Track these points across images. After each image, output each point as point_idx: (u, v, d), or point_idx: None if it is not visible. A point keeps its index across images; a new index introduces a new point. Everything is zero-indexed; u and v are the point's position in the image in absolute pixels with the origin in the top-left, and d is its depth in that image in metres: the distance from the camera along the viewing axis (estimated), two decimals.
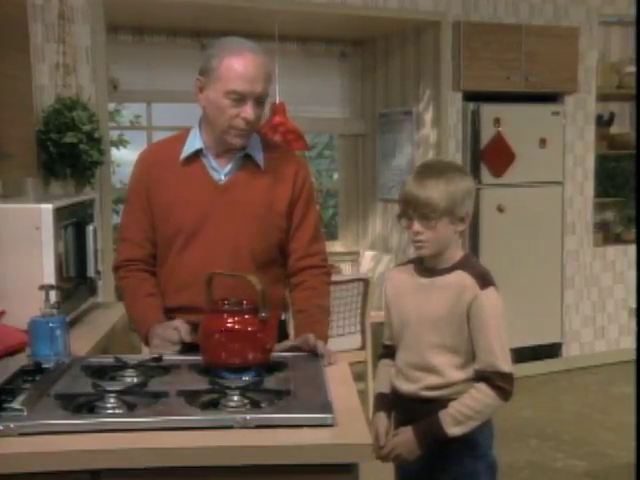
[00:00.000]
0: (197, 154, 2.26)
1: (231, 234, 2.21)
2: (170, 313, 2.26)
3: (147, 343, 2.23)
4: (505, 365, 1.98)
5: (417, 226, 2.00)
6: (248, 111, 2.15)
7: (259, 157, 2.27)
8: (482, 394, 1.97)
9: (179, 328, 2.13)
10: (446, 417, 1.97)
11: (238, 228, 2.21)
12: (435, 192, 1.96)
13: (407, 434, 2.01)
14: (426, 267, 2.08)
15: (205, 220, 2.22)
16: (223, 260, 2.16)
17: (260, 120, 2.24)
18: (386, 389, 2.15)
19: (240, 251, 2.20)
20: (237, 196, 2.23)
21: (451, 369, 2.01)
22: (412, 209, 2.00)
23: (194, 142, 2.28)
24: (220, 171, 2.26)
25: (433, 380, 2.02)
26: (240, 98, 2.14)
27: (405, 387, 2.08)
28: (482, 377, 1.98)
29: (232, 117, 2.16)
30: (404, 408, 2.10)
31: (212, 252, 2.19)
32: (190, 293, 2.19)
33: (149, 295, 2.27)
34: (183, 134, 2.33)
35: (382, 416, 2.11)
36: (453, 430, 1.96)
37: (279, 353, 2.06)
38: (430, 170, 2.03)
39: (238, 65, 2.12)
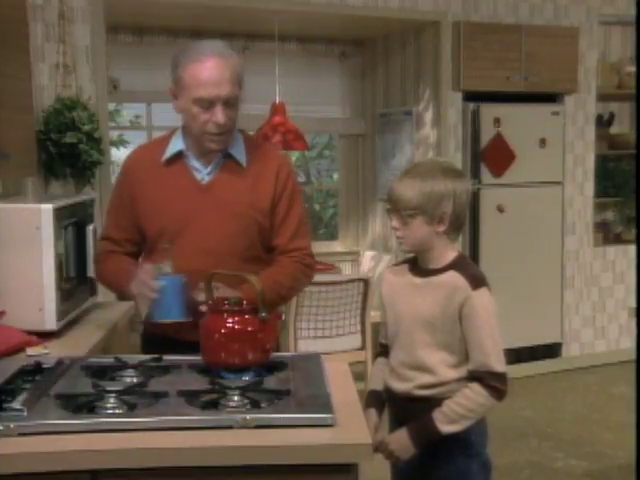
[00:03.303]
0: (180, 155, 2.29)
1: (214, 233, 2.22)
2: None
3: (123, 297, 2.30)
4: (498, 365, 1.98)
5: (394, 222, 2.05)
6: (218, 115, 2.16)
7: (241, 156, 2.29)
8: (475, 393, 1.98)
9: (147, 270, 2.15)
10: (439, 415, 1.98)
11: (221, 227, 2.23)
12: (408, 190, 2.00)
13: (401, 433, 2.02)
14: (420, 267, 2.09)
15: (188, 220, 2.24)
16: (207, 259, 2.16)
17: (235, 121, 2.24)
18: (379, 387, 2.16)
19: (223, 250, 2.21)
20: (220, 195, 2.25)
21: (444, 368, 2.01)
22: (391, 205, 2.06)
23: (176, 144, 2.30)
24: (202, 171, 2.28)
25: (426, 379, 2.03)
26: (208, 104, 2.15)
27: (398, 386, 2.09)
28: (476, 377, 1.99)
29: (204, 123, 2.18)
30: (398, 407, 2.11)
31: (196, 251, 2.20)
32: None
33: (126, 261, 2.32)
34: (167, 136, 2.36)
35: (372, 412, 2.12)
36: (446, 428, 1.97)
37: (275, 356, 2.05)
38: (414, 169, 2.08)
39: (200, 71, 2.15)
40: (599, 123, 5.77)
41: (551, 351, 5.60)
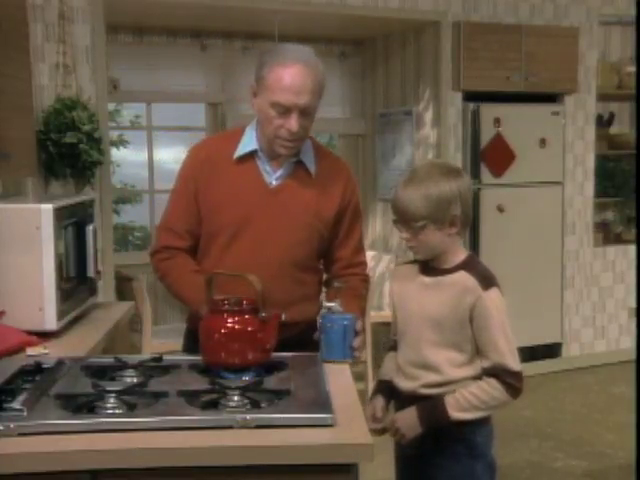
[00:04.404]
0: (251, 154, 2.26)
1: (275, 238, 2.21)
2: None
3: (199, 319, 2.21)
4: (514, 364, 1.99)
5: (404, 233, 2.04)
6: (292, 123, 2.13)
7: (311, 164, 2.27)
8: (491, 387, 1.98)
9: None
10: (451, 400, 1.98)
11: (283, 233, 2.22)
12: (413, 200, 1.98)
13: (410, 411, 2.03)
14: (430, 266, 2.08)
15: (250, 221, 2.22)
16: (264, 263, 2.16)
17: (308, 130, 2.22)
18: (388, 377, 2.17)
19: (282, 256, 2.21)
20: (286, 201, 2.23)
21: (451, 367, 2.01)
22: (397, 217, 2.04)
23: (249, 142, 2.27)
24: (272, 174, 2.26)
25: (432, 378, 2.03)
26: (285, 110, 2.13)
27: (405, 385, 2.09)
28: (492, 374, 1.99)
29: (277, 127, 2.16)
30: (403, 406, 2.10)
31: (254, 254, 2.19)
32: (229, 292, 2.16)
33: (195, 272, 2.25)
34: (237, 132, 2.33)
35: (379, 398, 2.15)
36: (456, 414, 1.98)
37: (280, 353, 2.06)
38: (414, 176, 2.04)
39: (284, 77, 2.12)
40: (599, 123, 5.78)
41: (551, 351, 5.60)
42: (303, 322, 2.21)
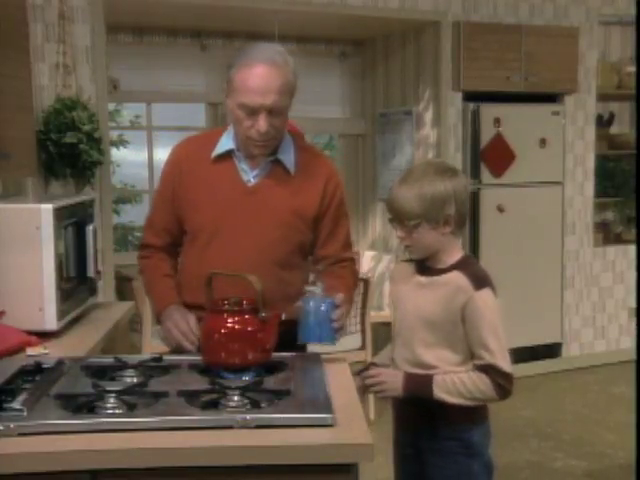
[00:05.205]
0: (229, 154, 2.27)
1: (253, 237, 2.21)
2: (192, 311, 2.27)
3: (159, 321, 2.30)
4: (505, 365, 1.99)
5: (399, 232, 2.05)
6: (260, 124, 2.14)
7: (289, 162, 2.27)
8: (480, 380, 1.98)
9: (191, 324, 2.16)
10: (439, 380, 1.99)
11: (261, 231, 2.22)
12: (407, 199, 1.99)
13: (397, 373, 2.05)
14: (426, 266, 2.09)
15: (228, 220, 2.23)
16: (244, 262, 2.15)
17: (281, 129, 2.21)
18: (378, 360, 2.21)
19: (262, 255, 2.20)
20: (263, 200, 2.24)
21: (445, 366, 2.02)
22: (392, 216, 2.05)
23: (227, 142, 2.28)
24: (249, 173, 2.26)
25: None
26: (252, 111, 2.13)
27: None
28: (483, 370, 1.99)
29: (247, 128, 2.16)
30: (399, 404, 2.13)
31: (233, 253, 2.20)
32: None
33: (166, 275, 2.35)
34: (218, 132, 2.34)
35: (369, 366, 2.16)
36: (439, 394, 1.98)
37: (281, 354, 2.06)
38: (409, 175, 2.05)
39: (249, 78, 2.12)
40: (599, 123, 5.77)
41: (551, 351, 5.60)
42: (289, 321, 2.20)
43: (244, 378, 1.89)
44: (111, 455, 1.55)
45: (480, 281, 2.01)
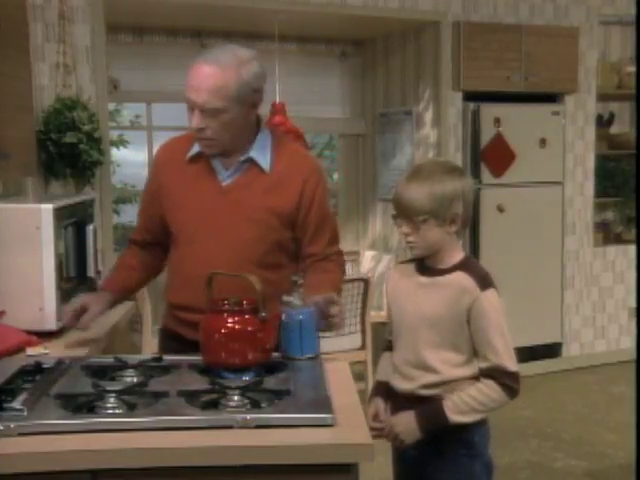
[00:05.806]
0: (204, 154, 2.27)
1: (230, 237, 2.21)
2: (173, 310, 2.31)
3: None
4: (511, 364, 1.99)
5: (405, 228, 2.03)
6: (193, 120, 2.15)
7: (264, 161, 2.25)
8: (489, 388, 1.98)
9: (79, 304, 2.25)
10: (450, 404, 1.98)
11: (236, 231, 2.22)
12: (418, 195, 1.98)
13: (409, 416, 2.02)
14: (426, 266, 2.08)
15: (206, 220, 2.23)
16: (222, 262, 2.15)
17: (218, 132, 2.16)
18: (386, 378, 2.17)
19: (238, 254, 2.20)
20: (237, 199, 2.23)
21: (448, 367, 2.01)
22: (399, 211, 2.04)
23: None
24: (223, 173, 2.26)
25: (430, 378, 2.03)
26: (190, 107, 2.16)
27: (402, 385, 2.09)
28: (489, 375, 1.99)
29: (190, 124, 2.18)
30: (401, 407, 2.10)
31: (211, 253, 2.20)
32: (190, 292, 2.19)
33: (123, 266, 2.43)
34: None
35: (379, 400, 2.14)
36: (455, 417, 1.98)
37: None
38: (419, 172, 2.04)
39: (189, 74, 2.15)
40: (599, 123, 5.78)
41: (551, 351, 5.60)
42: None
43: (244, 378, 1.89)
44: (111, 455, 1.55)
45: (485, 281, 2.01)
